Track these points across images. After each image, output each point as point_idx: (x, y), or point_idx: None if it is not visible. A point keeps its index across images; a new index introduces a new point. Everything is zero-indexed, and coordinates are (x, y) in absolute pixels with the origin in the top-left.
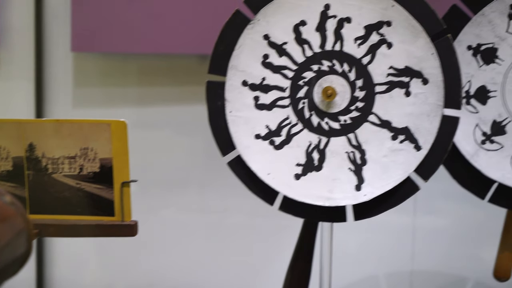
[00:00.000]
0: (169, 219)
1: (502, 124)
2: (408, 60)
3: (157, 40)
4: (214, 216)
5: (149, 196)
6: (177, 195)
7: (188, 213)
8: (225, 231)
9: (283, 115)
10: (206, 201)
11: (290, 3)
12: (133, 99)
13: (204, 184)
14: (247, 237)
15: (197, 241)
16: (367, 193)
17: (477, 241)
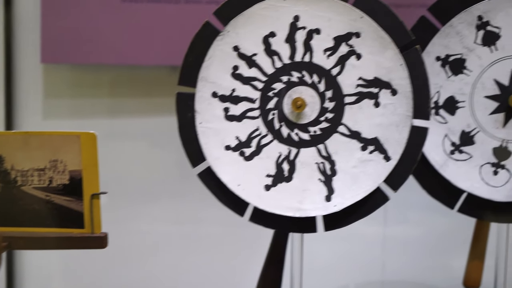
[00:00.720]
0: (142, 231)
1: (471, 135)
2: (377, 71)
3: (128, 52)
4: (187, 227)
5: (121, 207)
6: (149, 207)
7: (161, 224)
8: (198, 242)
9: (253, 126)
10: (179, 212)
11: (260, 14)
12: (104, 110)
13: (176, 195)
14: (219, 248)
15: (170, 252)
16: (337, 204)
17: (447, 250)
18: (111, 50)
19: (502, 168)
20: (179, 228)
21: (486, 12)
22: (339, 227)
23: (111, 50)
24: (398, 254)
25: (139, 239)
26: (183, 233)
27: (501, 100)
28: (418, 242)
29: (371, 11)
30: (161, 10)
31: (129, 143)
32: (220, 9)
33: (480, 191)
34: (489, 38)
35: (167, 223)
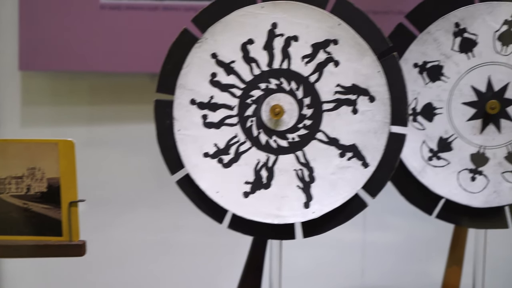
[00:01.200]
0: (120, 238)
1: (449, 141)
2: (355, 78)
3: (106, 59)
4: (166, 234)
5: (100, 215)
6: (128, 214)
7: (140, 232)
8: (177, 249)
9: (231, 133)
10: (158, 219)
11: (238, 21)
12: (83, 118)
13: (155, 203)
14: (198, 255)
15: (149, 260)
16: (315, 210)
17: (426, 256)
18: (89, 57)
19: (480, 174)
20: (158, 236)
21: (463, 19)
22: (317, 233)
23: (89, 57)
24: (378, 260)
25: (117, 246)
26: (162, 240)
27: (479, 107)
28: (397, 248)
29: (349, 18)
30: (140, 17)
31: (107, 151)
32: (198, 17)
33: (458, 197)
34: (466, 45)
35: (146, 231)
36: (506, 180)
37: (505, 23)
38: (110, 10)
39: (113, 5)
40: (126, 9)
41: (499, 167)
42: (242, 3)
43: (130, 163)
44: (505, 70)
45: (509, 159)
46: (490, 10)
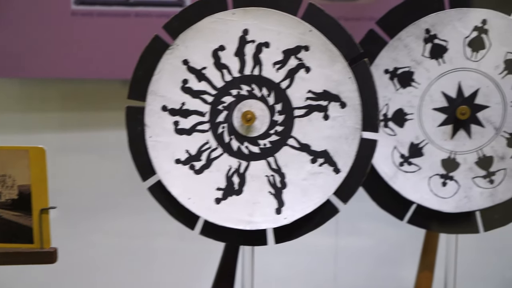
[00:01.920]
0: (93, 245)
1: (420, 146)
2: (326, 84)
3: (78, 65)
4: (139, 241)
5: (73, 222)
6: (102, 220)
7: (114, 238)
8: (150, 255)
9: (203, 139)
10: (131, 226)
11: (209, 28)
12: (54, 124)
13: (129, 209)
14: (170, 261)
15: (123, 266)
16: (287, 216)
17: (398, 261)
18: (61, 64)
19: (451, 179)
20: (131, 242)
21: (434, 25)
22: (289, 239)
23: (61, 64)
24: (350, 265)
25: (90, 253)
26: (134, 246)
27: (449, 112)
28: (369, 253)
29: (320, 25)
30: (111, 23)
31: (80, 157)
32: (169, 23)
33: (429, 202)
34: (437, 51)
35: (118, 237)
36: (477, 185)
37: (475, 29)
38: (81, 16)
39: (85, 12)
40: (97, 16)
41: (469, 172)
42: (213, 10)
43: (103, 170)
44: (475, 76)
45: (479, 164)
46: (460, 17)
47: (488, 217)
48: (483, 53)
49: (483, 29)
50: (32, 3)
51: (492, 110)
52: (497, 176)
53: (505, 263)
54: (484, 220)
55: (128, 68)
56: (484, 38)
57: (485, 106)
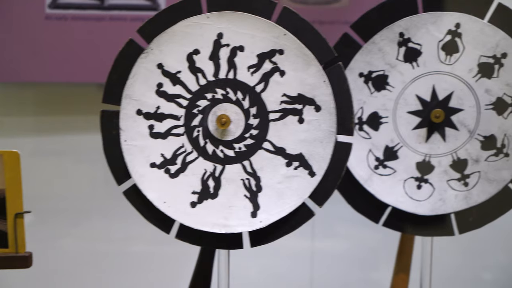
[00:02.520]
0: (69, 249)
1: (394, 149)
2: (301, 88)
3: (53, 69)
4: (116, 244)
5: (48, 226)
6: (78, 224)
7: (90, 242)
8: (126, 259)
9: (178, 143)
10: (108, 229)
11: (183, 32)
12: (30, 128)
13: (105, 213)
14: (148, 265)
15: (98, 270)
16: (262, 220)
17: (374, 264)
18: (35, 68)
19: (426, 182)
20: (106, 246)
21: (407, 29)
22: (265, 242)
23: (35, 68)
24: (326, 268)
25: (65, 257)
26: (110, 251)
27: (423, 116)
28: (345, 256)
29: (294, 28)
30: (86, 27)
31: (56, 161)
32: (143, 27)
33: (404, 205)
34: (411, 54)
35: (94, 241)
36: (452, 188)
37: (448, 33)
38: (56, 20)
39: (59, 16)
40: (72, 20)
41: (444, 175)
42: (187, 14)
43: (78, 174)
44: (449, 79)
45: (454, 167)
46: (434, 20)
47: (463, 219)
48: (457, 56)
49: (457, 33)
50: (5, 7)
51: (466, 113)
52: (471, 179)
53: (481, 265)
54: (459, 223)
55: (103, 72)
56: (457, 42)
57: (459, 109)
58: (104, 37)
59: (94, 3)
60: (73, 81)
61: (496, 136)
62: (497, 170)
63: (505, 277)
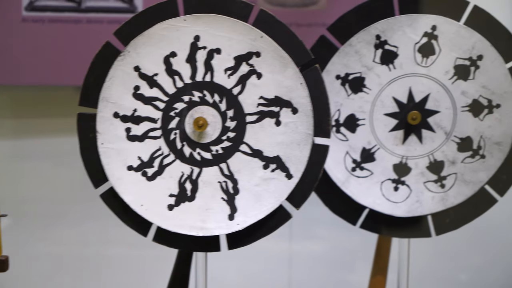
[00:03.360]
0: (46, 253)
1: (371, 152)
2: (277, 90)
3: (30, 72)
4: (94, 248)
5: (26, 229)
6: (55, 228)
7: (67, 246)
8: (104, 263)
9: (155, 146)
10: (86, 233)
11: (160, 34)
12: (7, 131)
13: (83, 216)
14: (126, 268)
15: (76, 273)
16: (240, 222)
17: (352, 266)
18: (12, 70)
19: (402, 184)
20: (85, 249)
21: (384, 31)
22: (243, 245)
23: (12, 70)
24: (304, 270)
25: (42, 261)
26: (89, 254)
27: (400, 118)
28: (323, 258)
29: (271, 31)
30: (63, 30)
31: (33, 164)
32: (120, 29)
33: (381, 207)
34: (387, 56)
35: (71, 245)
36: (428, 190)
37: (425, 35)
38: (32, 23)
39: (36, 18)
40: (49, 22)
41: (421, 177)
42: (164, 16)
43: (56, 177)
44: (425, 81)
45: (430, 169)
46: (410, 23)
47: (439, 221)
48: (433, 58)
49: (433, 35)
50: None
51: (442, 115)
52: (448, 181)
53: (458, 266)
54: (436, 224)
55: (80, 75)
56: (434, 44)
57: (435, 111)
58: (81, 39)
59: (71, 6)
60: (50, 84)
61: (472, 138)
62: (473, 171)
63: (481, 278)
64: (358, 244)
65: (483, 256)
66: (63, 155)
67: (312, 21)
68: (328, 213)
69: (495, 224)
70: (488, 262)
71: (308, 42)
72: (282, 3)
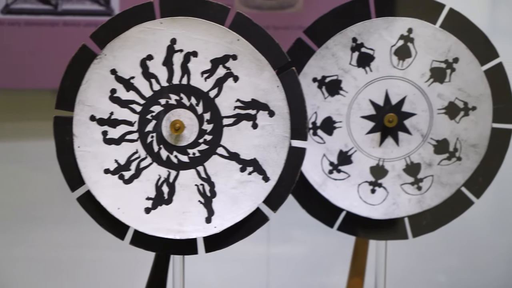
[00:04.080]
0: (24, 256)
1: (348, 154)
2: (254, 93)
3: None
4: (71, 251)
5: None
6: (31, 232)
7: (43, 249)
8: (81, 266)
9: (132, 149)
10: (62, 236)
11: (137, 37)
12: None
13: (59, 220)
14: (102, 271)
15: (53, 277)
16: (217, 225)
17: (330, 268)
18: None
19: (379, 186)
20: (61, 253)
21: (360, 34)
22: (220, 248)
23: None
24: (282, 273)
25: (20, 265)
26: (66, 257)
27: (377, 120)
28: (301, 260)
29: (248, 34)
30: (39, 33)
31: (9, 168)
32: (96, 32)
33: (358, 209)
34: (364, 59)
35: (49, 248)
36: (405, 192)
37: (401, 38)
38: (8, 26)
39: (12, 21)
40: (25, 25)
41: (398, 179)
42: (141, 19)
43: (32, 181)
44: (402, 84)
45: (407, 171)
46: (386, 26)
47: (416, 223)
48: (409, 61)
49: (409, 38)
50: None
51: (419, 117)
52: (424, 183)
53: (434, 268)
54: (413, 226)
55: (57, 78)
56: (410, 47)
57: (412, 113)
58: (58, 42)
59: (48, 9)
60: (26, 87)
61: (448, 140)
62: (450, 174)
63: (458, 280)
64: (336, 247)
65: (460, 257)
66: (39, 158)
67: (289, 24)
68: (305, 216)
69: (472, 226)
70: (465, 263)
71: (285, 45)
72: (259, 6)
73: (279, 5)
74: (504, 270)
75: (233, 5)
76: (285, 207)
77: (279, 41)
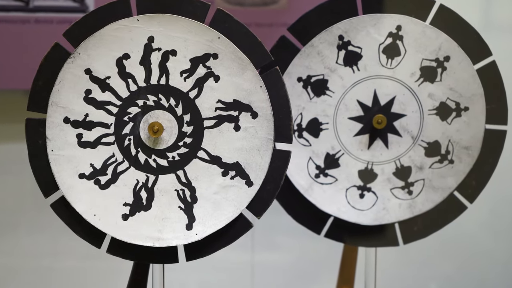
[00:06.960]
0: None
1: (336, 157)
2: (236, 94)
3: None
4: (44, 260)
5: None
6: (3, 239)
7: (17, 257)
8: (55, 275)
9: (108, 152)
10: (36, 244)
11: (112, 36)
12: None
13: (33, 227)
14: (78, 281)
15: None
16: (198, 232)
17: (317, 276)
18: None
19: (368, 191)
20: (36, 261)
21: (347, 31)
22: (201, 256)
23: None
24: (267, 281)
25: None
26: (39, 266)
27: (365, 122)
28: (287, 268)
29: (229, 31)
30: (10, 30)
31: None
32: (70, 30)
33: (346, 215)
34: (351, 58)
35: (22, 256)
36: (395, 197)
37: (389, 36)
38: None
39: None
40: None
41: (387, 183)
42: (117, 16)
43: (4, 185)
44: (391, 84)
45: (397, 175)
46: (374, 23)
47: (407, 229)
48: (399, 60)
49: (398, 35)
50: None
51: (409, 118)
52: (415, 187)
53: (426, 275)
54: (403, 232)
55: (29, 78)
56: (399, 45)
57: (401, 114)
58: (30, 40)
59: (19, 5)
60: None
61: (440, 142)
62: (441, 177)
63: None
64: (323, 254)
65: (453, 264)
66: (10, 162)
67: (273, 21)
68: (291, 222)
69: (465, 232)
70: (458, 270)
71: (268, 43)
72: (240, 2)
73: (262, 2)
74: (499, 277)
75: (213, 1)
76: (269, 213)
77: (262, 39)
